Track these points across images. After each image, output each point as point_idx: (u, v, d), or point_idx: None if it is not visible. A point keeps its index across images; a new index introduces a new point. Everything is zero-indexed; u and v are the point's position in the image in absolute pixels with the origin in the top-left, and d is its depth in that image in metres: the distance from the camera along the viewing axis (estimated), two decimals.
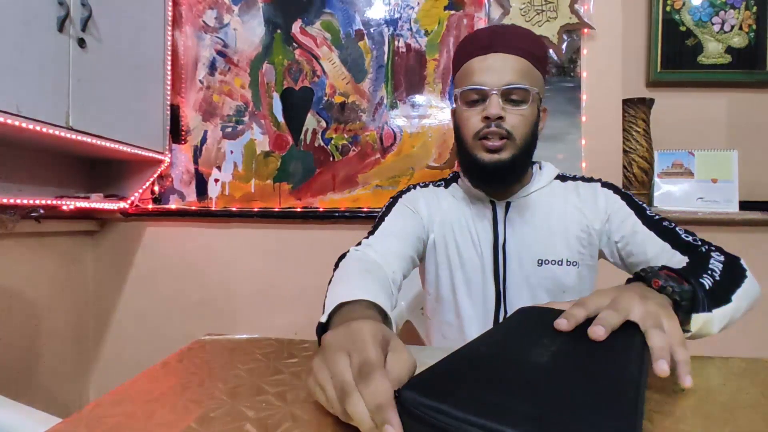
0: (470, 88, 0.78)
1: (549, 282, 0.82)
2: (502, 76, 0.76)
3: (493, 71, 0.76)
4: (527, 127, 0.78)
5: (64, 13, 1.12)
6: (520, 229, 0.84)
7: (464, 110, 0.80)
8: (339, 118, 1.56)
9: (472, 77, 0.78)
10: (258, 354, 0.55)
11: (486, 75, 0.77)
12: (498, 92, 0.76)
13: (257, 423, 0.38)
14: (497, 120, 0.76)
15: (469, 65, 0.79)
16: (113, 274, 1.64)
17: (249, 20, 1.59)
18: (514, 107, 0.77)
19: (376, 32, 1.55)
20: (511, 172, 0.80)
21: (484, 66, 0.77)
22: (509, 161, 0.77)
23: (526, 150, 0.79)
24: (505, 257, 0.84)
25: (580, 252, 0.83)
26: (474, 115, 0.78)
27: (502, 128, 0.76)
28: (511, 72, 0.76)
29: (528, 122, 0.78)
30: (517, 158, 0.78)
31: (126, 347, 1.64)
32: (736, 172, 1.39)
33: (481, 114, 0.77)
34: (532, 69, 0.78)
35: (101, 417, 0.39)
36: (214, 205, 1.59)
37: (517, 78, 0.76)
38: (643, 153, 1.44)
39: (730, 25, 1.53)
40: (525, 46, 0.78)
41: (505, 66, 0.76)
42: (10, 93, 1.01)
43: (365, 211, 1.52)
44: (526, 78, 0.77)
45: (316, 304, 1.73)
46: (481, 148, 0.78)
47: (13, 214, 1.24)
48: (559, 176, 0.90)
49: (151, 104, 1.51)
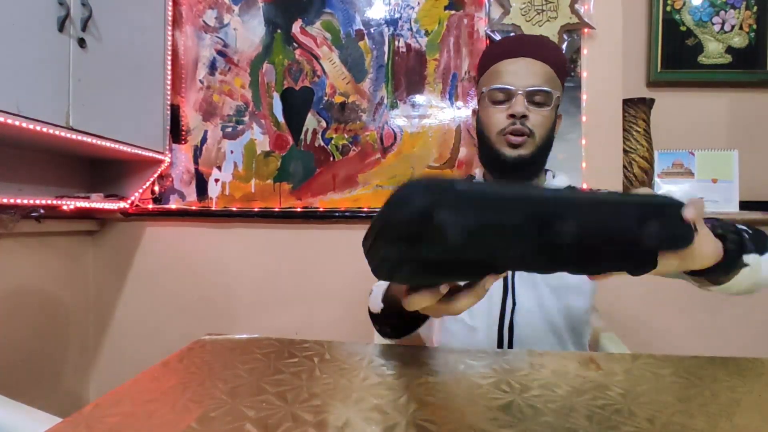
0: (498, 88, 0.84)
1: (552, 279, 0.84)
2: (528, 78, 0.82)
3: (520, 74, 0.83)
4: (546, 129, 0.84)
5: (65, 13, 1.12)
6: None
7: (490, 108, 0.86)
8: (339, 118, 1.56)
9: (500, 78, 0.84)
10: (258, 354, 0.55)
11: (513, 77, 0.83)
12: (524, 93, 0.82)
13: (257, 423, 0.38)
14: (522, 118, 0.82)
15: (498, 67, 0.86)
16: (113, 274, 1.64)
17: (249, 20, 1.59)
18: (537, 108, 0.83)
19: (377, 32, 1.55)
20: (530, 168, 0.86)
21: (512, 69, 0.84)
22: (529, 156, 0.83)
23: (544, 149, 0.86)
24: None
25: None
26: (499, 112, 0.84)
27: (525, 126, 0.82)
28: (537, 76, 0.83)
29: (548, 124, 0.84)
30: (535, 155, 0.84)
31: (126, 347, 1.64)
32: (736, 172, 1.39)
33: (506, 112, 0.83)
34: (554, 76, 0.85)
35: (102, 416, 0.39)
36: (215, 205, 1.59)
37: (541, 82, 0.83)
38: (644, 153, 1.44)
39: (730, 25, 1.53)
40: (550, 55, 0.85)
41: (532, 70, 0.83)
42: (10, 93, 1.01)
43: (365, 211, 1.52)
44: (549, 83, 0.84)
45: (317, 305, 1.72)
46: (505, 144, 0.84)
47: (13, 214, 1.24)
48: (568, 187, 0.92)
49: (152, 104, 1.51)
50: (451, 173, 1.51)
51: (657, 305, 1.42)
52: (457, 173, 1.51)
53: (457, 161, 1.51)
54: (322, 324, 1.55)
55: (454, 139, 1.52)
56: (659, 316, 1.43)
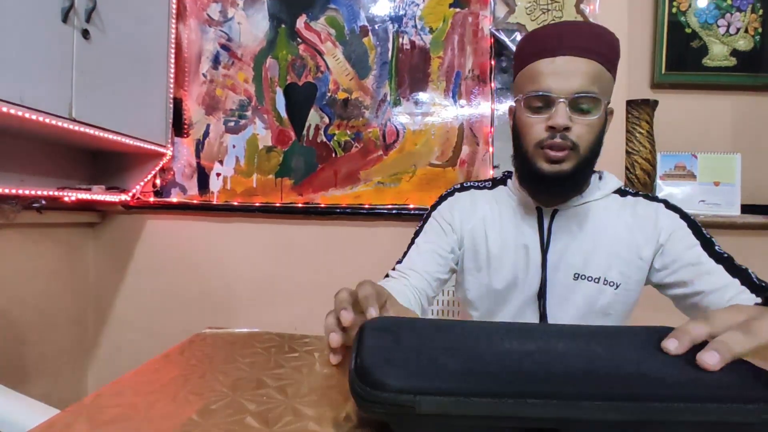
0: (535, 94, 0.72)
1: (581, 298, 0.78)
2: (570, 81, 0.69)
3: (561, 76, 0.70)
4: (593, 137, 0.73)
5: (69, 4, 1.12)
6: (562, 238, 0.79)
7: (527, 116, 0.74)
8: (342, 114, 1.56)
9: (538, 82, 0.72)
10: (259, 348, 0.55)
11: (553, 80, 0.70)
12: (566, 101, 0.70)
13: (258, 416, 0.38)
14: (564, 131, 0.70)
15: (534, 67, 0.73)
16: (114, 266, 1.64)
17: (253, 14, 1.59)
18: (581, 116, 0.71)
19: (381, 29, 1.54)
20: (572, 183, 0.76)
21: (551, 70, 0.70)
22: (570, 172, 0.72)
23: (590, 160, 0.74)
24: (545, 266, 0.80)
25: (623, 273, 0.77)
26: (538, 122, 0.72)
27: (568, 140, 0.70)
28: (581, 77, 0.69)
29: (595, 131, 0.72)
30: (579, 169, 0.73)
31: (125, 339, 1.64)
32: (738, 175, 1.38)
33: (545, 122, 0.71)
34: (603, 72, 0.71)
35: (102, 408, 0.39)
36: (216, 200, 1.59)
37: (587, 84, 0.69)
38: (646, 155, 1.44)
39: (735, 27, 1.53)
40: (597, 47, 0.71)
41: (575, 70, 0.70)
42: (13, 83, 1.01)
43: (367, 207, 1.52)
44: (596, 83, 0.70)
45: (317, 300, 1.73)
46: (543, 158, 0.73)
47: (15, 205, 1.24)
48: (619, 190, 0.84)
49: (154, 97, 1.50)
50: (453, 170, 1.51)
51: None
52: (459, 172, 1.50)
53: (459, 160, 1.51)
54: (321, 319, 1.54)
55: (457, 137, 1.52)
56: None
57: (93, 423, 0.36)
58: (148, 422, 0.37)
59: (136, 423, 0.37)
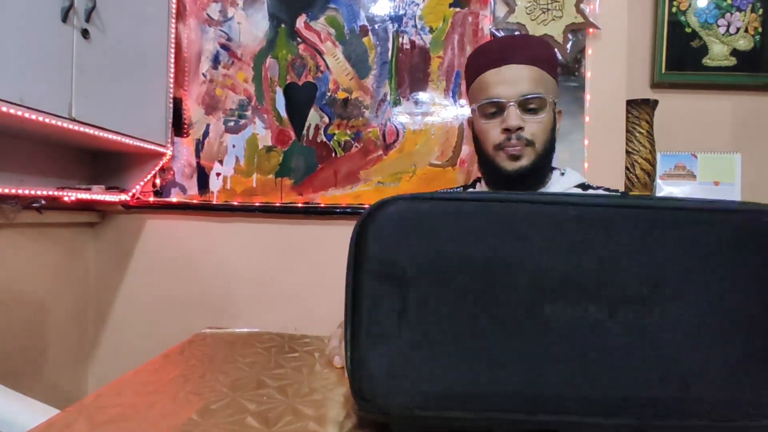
0: (488, 101, 0.79)
1: None
2: (517, 87, 0.78)
3: (508, 83, 0.78)
4: (546, 134, 0.80)
5: (68, 3, 1.12)
6: None
7: (483, 123, 0.82)
8: (342, 114, 1.56)
9: (488, 90, 0.80)
10: (259, 348, 0.55)
11: (501, 87, 0.78)
12: (515, 103, 0.77)
13: (258, 416, 0.38)
14: (518, 130, 0.77)
15: (484, 79, 0.81)
16: (114, 266, 1.64)
17: (253, 14, 1.58)
18: (532, 116, 0.79)
19: (381, 28, 1.54)
20: (533, 178, 0.82)
21: (499, 79, 0.79)
22: (530, 167, 0.79)
23: (546, 154, 0.82)
24: None
25: None
26: (493, 127, 0.80)
27: (523, 138, 0.78)
28: (526, 82, 0.78)
29: (546, 128, 0.80)
30: (537, 163, 0.80)
31: (125, 339, 1.64)
32: (738, 175, 1.38)
33: (500, 126, 0.79)
34: (544, 76, 0.80)
35: (102, 407, 0.39)
36: (216, 199, 1.59)
37: (532, 87, 0.78)
38: (646, 155, 1.44)
39: (735, 27, 1.53)
40: (535, 54, 0.80)
41: (520, 77, 0.78)
42: (13, 83, 1.01)
43: (366, 207, 1.51)
44: (540, 86, 0.78)
45: (316, 300, 1.72)
46: (504, 157, 0.80)
47: (14, 205, 1.24)
48: (582, 185, 0.88)
49: (154, 97, 1.50)
50: (453, 170, 1.51)
51: None
52: (459, 171, 1.50)
53: (459, 159, 1.51)
54: (321, 319, 1.54)
55: (457, 137, 1.51)
56: None
57: (93, 423, 0.36)
58: (148, 422, 0.37)
59: (136, 423, 0.37)
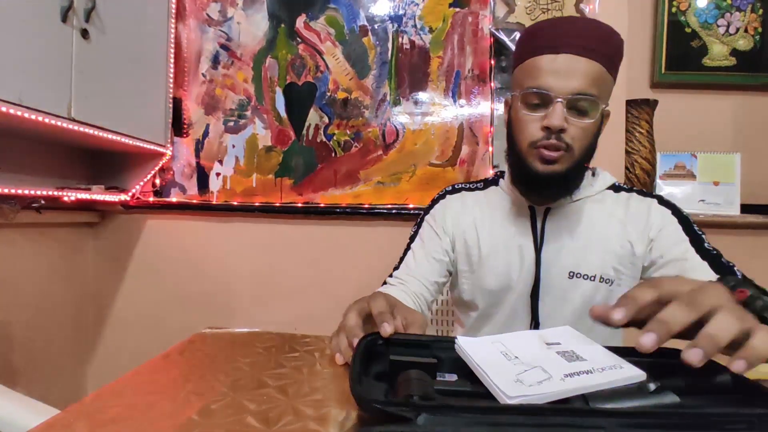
0: (533, 91, 0.70)
1: (578, 297, 0.77)
2: (570, 81, 0.67)
3: (562, 75, 0.68)
4: (588, 140, 0.72)
5: (68, 3, 1.12)
6: (556, 237, 0.79)
7: (524, 113, 0.72)
8: (341, 114, 1.55)
9: (537, 78, 0.70)
10: (259, 347, 0.55)
11: (553, 78, 0.68)
12: (563, 101, 0.68)
13: (258, 416, 0.38)
14: (558, 132, 0.69)
15: (535, 63, 0.70)
16: (113, 266, 1.64)
17: (253, 14, 1.58)
18: (578, 119, 0.70)
19: (380, 28, 1.54)
20: (564, 184, 0.75)
21: (552, 67, 0.68)
22: (563, 173, 0.72)
23: (583, 162, 0.74)
24: (539, 265, 0.79)
25: (617, 270, 0.77)
26: (533, 121, 0.71)
27: (562, 141, 0.70)
28: (582, 78, 0.67)
29: (589, 134, 0.72)
30: (571, 170, 0.72)
31: (125, 339, 1.64)
32: (738, 174, 1.38)
33: (541, 122, 0.70)
34: (603, 74, 0.70)
35: (102, 408, 0.39)
36: (215, 199, 1.59)
37: (586, 86, 0.68)
38: (646, 154, 1.44)
39: (735, 27, 1.53)
40: (601, 48, 0.69)
41: (576, 70, 0.68)
42: (12, 83, 1.01)
43: (366, 207, 1.52)
44: (595, 86, 0.68)
45: (316, 300, 1.72)
46: (536, 158, 0.72)
47: (14, 205, 1.24)
48: (613, 186, 0.84)
49: (154, 97, 1.50)
50: (453, 170, 1.51)
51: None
52: (459, 171, 1.50)
53: (459, 159, 1.51)
54: (321, 319, 1.54)
55: (457, 137, 1.51)
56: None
57: (93, 423, 0.36)
58: (148, 422, 0.37)
59: (136, 423, 0.36)
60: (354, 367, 0.39)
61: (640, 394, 0.36)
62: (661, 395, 0.36)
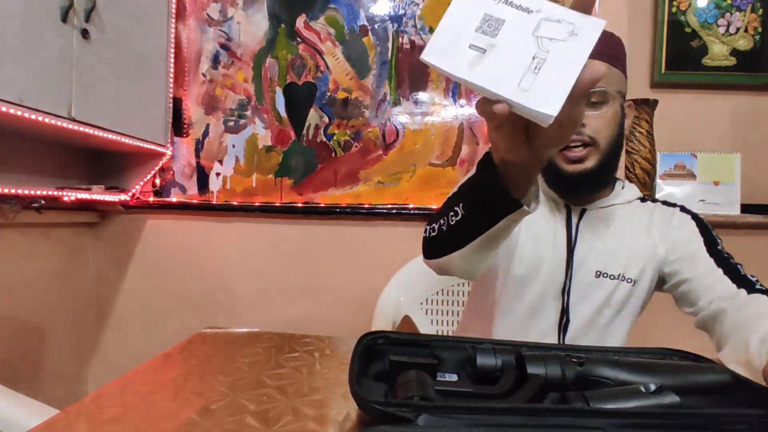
0: None
1: (600, 295, 0.80)
2: None
3: None
4: (611, 129, 0.75)
5: (68, 3, 1.12)
6: (588, 237, 0.82)
7: None
8: (342, 114, 1.56)
9: None
10: (259, 348, 0.55)
11: None
12: None
13: (258, 416, 0.38)
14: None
15: None
16: (114, 266, 1.64)
17: (253, 14, 1.58)
18: (593, 111, 0.74)
19: (381, 28, 1.54)
20: (596, 181, 0.78)
21: None
22: (594, 169, 0.75)
23: (612, 153, 0.77)
24: (571, 263, 0.82)
25: (640, 270, 0.81)
26: None
27: (584, 135, 0.73)
28: None
29: (611, 123, 0.75)
30: (603, 164, 0.75)
31: (125, 339, 1.64)
32: (738, 174, 1.38)
33: None
34: (610, 69, 0.75)
35: (102, 408, 0.39)
36: (215, 199, 1.59)
37: None
38: (646, 154, 1.44)
39: (735, 27, 1.53)
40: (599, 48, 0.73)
41: None
42: (12, 83, 1.01)
43: (366, 207, 1.52)
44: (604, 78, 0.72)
45: (316, 299, 1.72)
46: (563, 159, 0.75)
47: (14, 205, 1.24)
48: (641, 198, 0.88)
49: (154, 97, 1.50)
50: (453, 170, 1.51)
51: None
52: (459, 171, 1.50)
53: (459, 159, 1.51)
54: (321, 319, 1.55)
55: (457, 137, 1.51)
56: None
57: (93, 423, 0.36)
58: (148, 422, 0.37)
59: (136, 423, 0.36)
60: (353, 367, 0.39)
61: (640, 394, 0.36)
62: (661, 395, 0.36)
